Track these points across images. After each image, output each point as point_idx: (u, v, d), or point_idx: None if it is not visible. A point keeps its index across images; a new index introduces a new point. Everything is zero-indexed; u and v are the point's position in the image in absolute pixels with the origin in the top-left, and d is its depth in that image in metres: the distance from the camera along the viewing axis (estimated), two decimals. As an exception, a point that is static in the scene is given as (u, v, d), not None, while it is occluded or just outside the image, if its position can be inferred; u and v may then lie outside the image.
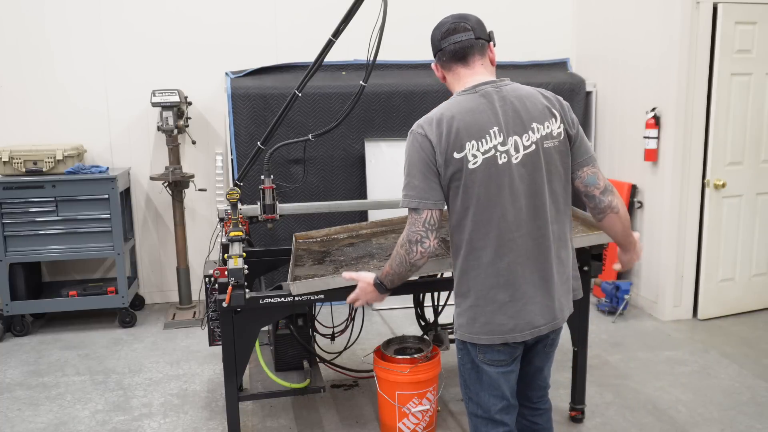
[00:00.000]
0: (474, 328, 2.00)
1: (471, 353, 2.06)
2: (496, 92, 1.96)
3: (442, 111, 1.95)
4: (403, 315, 4.80)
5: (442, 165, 1.92)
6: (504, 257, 1.95)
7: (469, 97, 1.97)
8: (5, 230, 4.39)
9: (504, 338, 1.98)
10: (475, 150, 1.90)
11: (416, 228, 1.95)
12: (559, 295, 2.04)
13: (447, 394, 3.51)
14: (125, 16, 4.88)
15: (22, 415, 3.40)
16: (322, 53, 3.05)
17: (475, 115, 1.92)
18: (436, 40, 2.03)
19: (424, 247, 1.96)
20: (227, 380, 2.73)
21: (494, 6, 5.22)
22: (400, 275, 2.08)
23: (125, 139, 5.00)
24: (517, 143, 1.93)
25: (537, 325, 1.99)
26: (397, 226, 3.54)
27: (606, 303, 4.72)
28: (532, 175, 1.95)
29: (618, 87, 4.97)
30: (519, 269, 1.96)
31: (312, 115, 4.82)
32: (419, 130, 1.95)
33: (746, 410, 3.32)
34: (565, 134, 2.00)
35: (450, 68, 2.03)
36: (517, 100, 1.96)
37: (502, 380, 2.06)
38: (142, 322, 4.77)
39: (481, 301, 1.98)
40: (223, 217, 3.30)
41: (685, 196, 4.48)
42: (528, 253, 1.96)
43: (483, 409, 2.10)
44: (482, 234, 1.94)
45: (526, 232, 1.95)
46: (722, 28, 4.28)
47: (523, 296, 1.97)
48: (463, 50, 1.99)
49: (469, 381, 2.12)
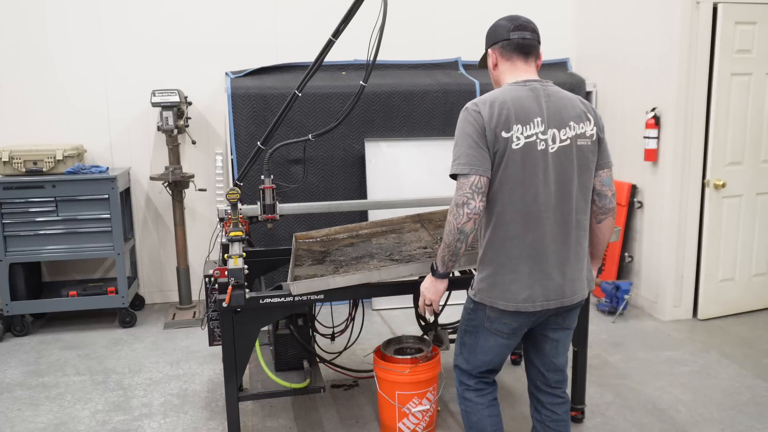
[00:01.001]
0: (493, 293, 2.20)
1: (480, 317, 2.27)
2: (543, 89, 2.19)
3: (496, 95, 2.16)
4: (403, 315, 4.80)
5: (491, 141, 2.10)
6: (530, 233, 2.14)
7: (519, 88, 2.18)
8: (5, 230, 4.39)
9: (517, 306, 2.17)
10: (520, 133, 2.11)
11: (463, 191, 2.10)
12: (573, 278, 2.22)
13: (447, 394, 3.51)
14: (125, 16, 4.88)
15: (22, 415, 3.40)
16: (322, 53, 3.05)
17: (523, 103, 2.13)
18: (505, 30, 2.24)
19: (470, 208, 2.09)
20: (227, 380, 2.73)
21: (494, 6, 5.22)
22: (450, 247, 2.17)
23: (125, 139, 5.00)
24: (555, 135, 2.14)
25: (548, 300, 2.19)
26: (396, 226, 3.54)
27: (606, 303, 4.72)
28: (564, 165, 2.15)
29: (618, 87, 4.97)
30: (541, 246, 2.15)
31: (312, 115, 4.82)
32: (473, 107, 2.14)
33: (746, 410, 3.32)
34: (596, 137, 2.24)
35: (510, 58, 2.25)
36: (560, 99, 2.20)
37: (496, 349, 2.30)
38: (142, 322, 4.77)
39: (503, 269, 2.17)
40: (223, 217, 3.31)
41: (685, 196, 4.48)
42: (551, 234, 2.16)
43: (469, 365, 2.37)
44: (513, 209, 2.13)
45: (552, 215, 2.15)
46: (722, 28, 4.28)
47: (541, 271, 2.16)
48: (528, 47, 2.24)
49: (467, 339, 2.35)
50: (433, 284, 2.32)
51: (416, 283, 3.08)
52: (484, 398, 2.38)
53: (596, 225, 2.34)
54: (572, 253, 2.20)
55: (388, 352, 3.08)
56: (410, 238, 3.28)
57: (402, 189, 4.75)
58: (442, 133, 4.99)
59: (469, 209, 2.09)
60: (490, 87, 5.45)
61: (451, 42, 5.28)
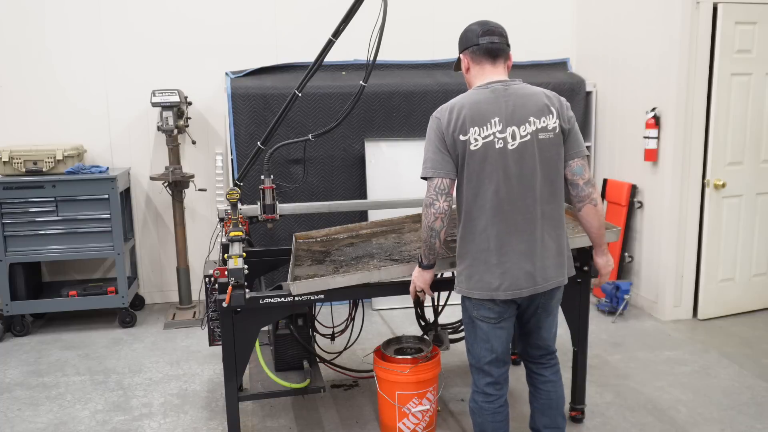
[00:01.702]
0: (470, 284, 2.37)
1: (469, 309, 2.44)
2: (504, 89, 2.31)
3: (456, 101, 2.33)
4: (403, 315, 4.80)
5: (450, 144, 2.28)
6: (494, 226, 2.30)
7: (480, 91, 2.32)
8: (5, 230, 4.39)
9: (491, 294, 2.34)
10: (477, 135, 2.26)
11: (429, 193, 2.31)
12: (543, 265, 2.35)
13: (447, 394, 3.51)
14: (125, 16, 4.88)
15: (22, 415, 3.40)
16: (322, 53, 3.05)
17: (480, 106, 2.27)
18: (474, 36, 2.37)
19: (435, 208, 2.29)
20: (227, 380, 2.73)
21: (494, 6, 5.22)
22: (426, 242, 2.38)
23: (125, 139, 5.00)
24: (515, 132, 2.27)
25: (519, 287, 2.33)
26: (396, 226, 3.54)
27: (606, 303, 4.72)
28: (525, 160, 2.28)
29: (618, 87, 4.97)
30: (506, 238, 2.30)
31: (312, 115, 4.82)
32: (437, 114, 2.34)
33: (746, 410, 3.32)
34: (560, 129, 2.32)
35: (479, 62, 2.38)
36: (520, 97, 2.30)
37: (492, 336, 2.42)
38: (142, 322, 4.77)
39: (475, 262, 2.35)
40: (223, 217, 3.31)
41: (685, 196, 4.48)
42: (516, 226, 2.30)
43: (475, 359, 2.49)
44: (478, 206, 2.30)
45: (515, 208, 2.29)
46: (722, 28, 4.28)
47: (509, 261, 2.31)
48: (496, 51, 2.36)
49: (467, 334, 2.51)
50: (420, 274, 2.53)
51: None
52: (490, 405, 2.48)
53: (578, 214, 2.47)
54: (539, 242, 2.33)
55: (388, 352, 3.08)
56: (410, 238, 3.28)
57: (402, 189, 4.74)
58: (442, 133, 4.99)
59: (434, 209, 2.30)
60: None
61: (451, 42, 5.18)
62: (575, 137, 2.38)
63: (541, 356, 2.62)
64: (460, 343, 3.74)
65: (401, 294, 2.88)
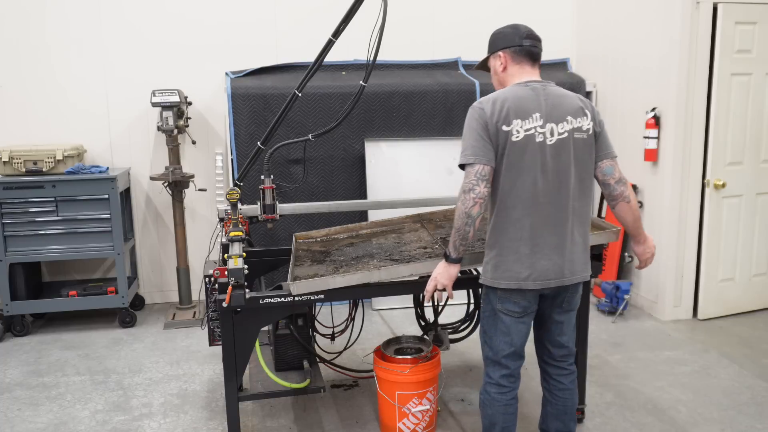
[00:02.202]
0: (497, 273, 2.40)
1: (492, 302, 2.46)
2: (543, 88, 2.41)
3: (498, 94, 2.38)
4: (403, 315, 4.80)
5: (493, 134, 2.32)
6: (529, 217, 2.34)
7: (521, 88, 2.40)
8: (5, 230, 4.39)
9: (519, 284, 2.37)
10: (519, 127, 2.32)
11: (469, 178, 2.31)
12: (572, 259, 2.41)
13: (447, 394, 3.51)
14: (125, 16, 4.88)
15: (22, 415, 3.40)
16: (322, 53, 3.05)
17: (522, 101, 2.35)
18: (518, 37, 2.45)
19: (475, 193, 2.29)
20: (227, 380, 2.73)
21: (494, 6, 5.22)
22: (460, 231, 2.35)
23: (125, 139, 5.00)
24: (553, 129, 2.35)
25: (548, 278, 2.38)
26: (396, 226, 3.54)
27: (606, 303, 4.72)
28: (562, 156, 2.35)
29: (618, 87, 4.97)
30: (540, 229, 2.35)
31: (312, 115, 4.82)
32: (478, 105, 2.37)
33: (746, 410, 3.32)
34: (593, 131, 2.42)
35: (519, 62, 2.46)
36: (557, 97, 2.40)
37: (514, 330, 2.45)
38: (142, 322, 4.77)
39: (505, 251, 2.38)
40: (223, 217, 3.30)
41: (685, 196, 4.48)
42: (549, 218, 2.36)
43: (493, 352, 2.50)
44: (515, 195, 2.34)
45: (550, 201, 2.35)
46: (722, 28, 4.28)
47: (540, 252, 2.36)
48: (536, 54, 2.48)
49: (487, 326, 2.52)
50: (446, 269, 2.48)
51: (416, 283, 3.08)
52: (503, 396, 2.52)
53: (613, 212, 2.55)
54: (569, 236, 2.39)
55: (388, 352, 3.08)
56: (410, 238, 3.28)
57: (402, 189, 4.74)
58: (442, 133, 4.99)
59: (474, 194, 2.29)
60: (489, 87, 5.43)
61: (451, 42, 5.28)
62: (605, 139, 2.49)
63: (562, 357, 2.63)
64: (461, 343, 3.75)
65: (401, 294, 2.89)
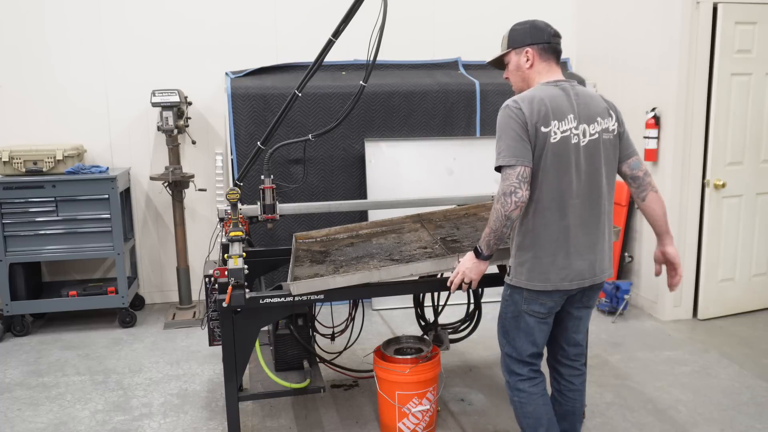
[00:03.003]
0: (532, 275, 2.39)
1: (518, 303, 2.45)
2: (571, 88, 2.40)
3: (533, 94, 2.35)
4: (403, 315, 4.80)
5: (532, 134, 2.29)
6: (565, 218, 2.35)
7: (551, 87, 2.38)
8: (5, 230, 4.39)
9: (555, 285, 2.37)
10: (557, 128, 2.30)
11: (510, 181, 2.26)
12: (602, 257, 2.45)
13: (447, 394, 3.51)
14: (125, 17, 4.88)
15: (22, 415, 3.40)
16: (322, 53, 3.05)
17: (557, 101, 2.34)
18: (546, 34, 2.46)
19: (517, 196, 2.26)
20: (227, 380, 2.73)
21: (494, 6, 5.22)
22: (496, 232, 2.34)
23: (125, 139, 5.00)
24: (585, 130, 2.36)
25: (583, 278, 2.40)
26: (396, 226, 3.54)
27: (606, 303, 4.72)
28: (594, 157, 2.37)
29: (618, 87, 4.97)
30: (575, 229, 2.36)
31: (312, 115, 4.82)
32: (514, 104, 2.31)
33: (746, 410, 3.32)
34: (617, 131, 2.45)
35: (547, 60, 2.45)
36: (586, 97, 2.41)
37: (537, 330, 2.47)
38: (142, 322, 4.77)
39: (541, 252, 2.36)
40: (223, 217, 3.30)
41: (685, 196, 4.48)
42: (583, 218, 2.37)
43: (517, 352, 2.51)
44: (550, 197, 2.33)
45: (584, 201, 2.36)
46: (722, 28, 4.28)
47: (576, 252, 2.37)
48: (561, 52, 2.50)
49: (509, 327, 2.51)
50: (476, 265, 2.48)
51: (416, 283, 3.08)
52: (537, 388, 2.53)
53: (643, 204, 2.53)
54: (601, 235, 2.42)
55: (388, 352, 3.08)
56: (410, 238, 3.28)
57: (402, 189, 4.74)
58: (442, 133, 4.99)
59: (516, 197, 2.26)
60: (490, 87, 5.43)
61: (451, 42, 5.28)
62: (628, 138, 2.52)
63: (576, 356, 2.64)
64: (461, 343, 3.75)
65: (401, 294, 2.88)
